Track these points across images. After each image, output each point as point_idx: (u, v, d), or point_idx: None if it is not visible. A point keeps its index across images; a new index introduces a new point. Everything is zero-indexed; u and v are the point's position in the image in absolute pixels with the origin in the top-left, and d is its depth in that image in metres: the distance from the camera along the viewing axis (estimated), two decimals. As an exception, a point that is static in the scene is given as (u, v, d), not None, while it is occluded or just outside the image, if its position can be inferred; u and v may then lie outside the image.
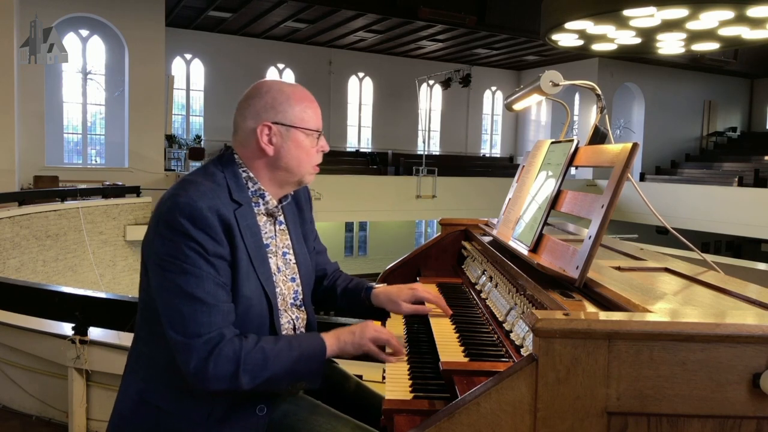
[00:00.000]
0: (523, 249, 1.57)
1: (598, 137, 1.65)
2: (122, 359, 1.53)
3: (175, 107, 16.66)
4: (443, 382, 1.27)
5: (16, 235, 8.44)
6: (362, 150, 19.39)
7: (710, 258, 1.68)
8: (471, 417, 0.97)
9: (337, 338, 1.43)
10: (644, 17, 7.49)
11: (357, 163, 17.51)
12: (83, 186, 11.62)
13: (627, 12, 7.26)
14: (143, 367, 1.43)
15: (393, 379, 1.35)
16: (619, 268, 1.50)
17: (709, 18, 7.39)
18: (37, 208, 9.17)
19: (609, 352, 0.95)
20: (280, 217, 1.55)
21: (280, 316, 1.47)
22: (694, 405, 0.96)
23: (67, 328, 3.15)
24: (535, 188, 1.72)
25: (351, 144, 19.61)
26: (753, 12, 7.05)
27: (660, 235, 12.96)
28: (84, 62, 14.25)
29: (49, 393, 3.33)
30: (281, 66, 17.94)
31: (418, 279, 2.16)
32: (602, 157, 1.44)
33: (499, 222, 1.98)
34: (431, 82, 18.12)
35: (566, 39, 8.95)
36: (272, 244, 1.50)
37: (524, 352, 1.26)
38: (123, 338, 3.14)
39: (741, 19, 7.39)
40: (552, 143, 1.80)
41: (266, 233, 1.49)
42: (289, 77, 17.81)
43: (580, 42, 9.03)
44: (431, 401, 1.23)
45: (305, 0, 13.45)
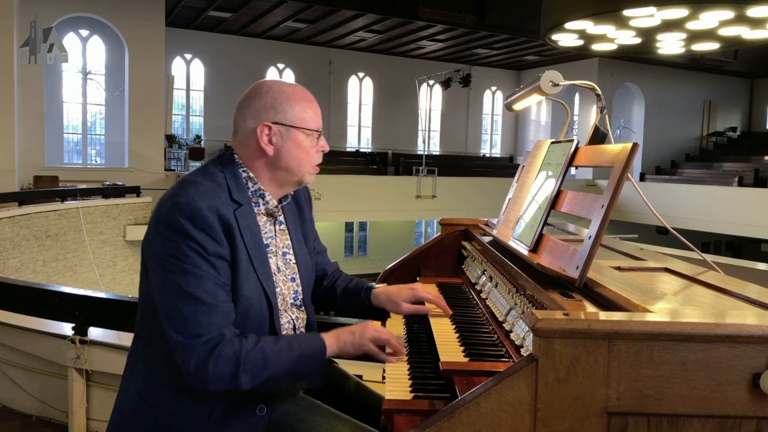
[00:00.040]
0: (523, 249, 1.57)
1: (598, 137, 1.65)
2: (122, 359, 1.53)
3: (175, 107, 16.66)
4: (443, 382, 1.27)
5: (16, 235, 8.44)
6: (362, 150, 19.39)
7: (710, 258, 1.68)
8: (471, 417, 0.97)
9: (337, 338, 1.43)
10: (644, 17, 7.49)
11: (357, 163, 17.51)
12: (83, 186, 11.62)
13: (627, 12, 7.26)
14: (143, 367, 1.43)
15: (393, 379, 1.35)
16: (619, 268, 1.50)
17: (709, 18, 7.39)
18: (37, 208, 9.17)
19: (609, 352, 0.95)
20: (280, 217, 1.55)
21: (280, 316, 1.47)
22: (694, 405, 0.96)
23: (67, 328, 3.15)
24: (535, 188, 1.72)
25: (351, 144, 19.61)
26: (753, 12, 7.05)
27: (660, 235, 12.96)
28: (84, 62, 14.25)
29: (49, 393, 3.33)
30: (281, 66, 17.94)
31: (418, 279, 2.16)
32: (602, 157, 1.44)
33: (499, 222, 1.98)
34: (431, 82, 18.12)
35: (566, 39, 8.95)
36: (272, 244, 1.50)
37: (524, 352, 1.26)
38: (123, 338, 3.14)
39: (741, 19, 7.39)
40: (552, 143, 1.80)
41: (266, 233, 1.49)
42: (289, 77, 17.81)
43: (580, 42, 9.03)
44: (431, 401, 1.23)
45: (305, 0, 13.45)
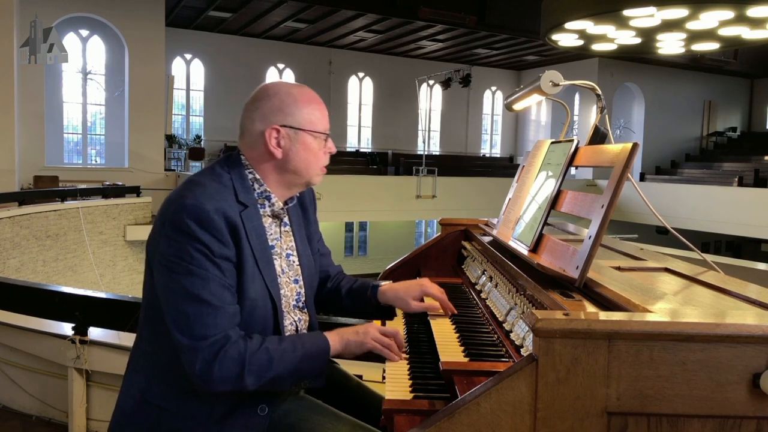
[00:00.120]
0: (523, 249, 1.57)
1: (598, 137, 1.65)
2: (122, 359, 1.53)
3: (175, 107, 16.66)
4: (443, 382, 1.27)
5: (16, 235, 8.44)
6: (362, 150, 19.38)
7: (710, 258, 1.68)
8: (471, 417, 0.97)
9: (341, 337, 1.43)
10: (644, 17, 7.48)
11: (357, 163, 17.49)
12: (83, 186, 11.62)
13: (627, 12, 7.25)
14: (146, 366, 1.43)
15: (393, 379, 1.35)
16: (619, 268, 1.50)
17: (709, 18, 7.38)
18: (37, 208, 9.17)
19: (609, 352, 0.95)
20: (285, 219, 1.55)
21: (284, 318, 1.48)
22: (694, 405, 0.96)
23: (67, 328, 3.15)
24: (535, 188, 1.72)
25: (351, 144, 19.60)
26: (753, 12, 7.05)
27: (660, 235, 12.96)
28: (84, 62, 14.25)
29: (49, 393, 3.33)
30: (281, 66, 17.93)
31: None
32: (602, 157, 1.44)
33: (499, 222, 1.98)
34: (431, 82, 18.10)
35: (566, 39, 8.94)
36: (277, 246, 1.50)
37: (524, 352, 1.26)
38: (123, 338, 3.14)
39: (741, 19, 7.39)
40: (552, 143, 1.80)
41: (271, 235, 1.49)
42: (289, 77, 17.80)
43: (580, 42, 9.03)
44: (431, 401, 1.23)
45: (305, 0, 13.45)
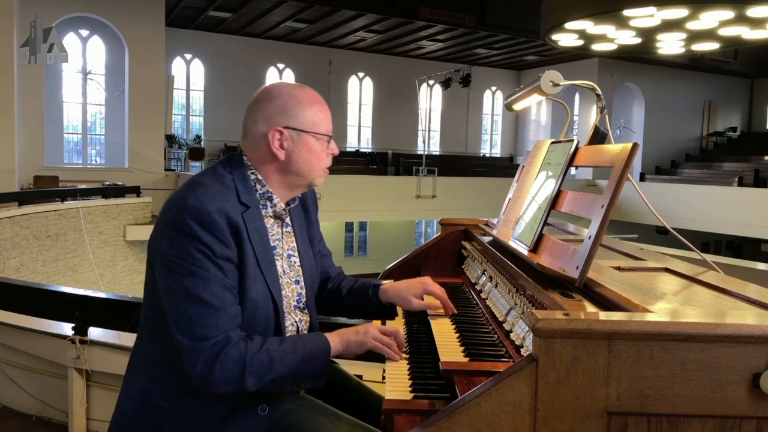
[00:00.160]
0: (523, 249, 1.57)
1: (598, 137, 1.65)
2: (122, 359, 1.53)
3: (175, 107, 16.66)
4: (443, 382, 1.27)
5: (16, 235, 8.44)
6: (362, 150, 19.37)
7: (710, 258, 1.68)
8: (471, 417, 0.97)
9: (341, 337, 1.44)
10: (644, 17, 7.49)
11: (357, 163, 17.49)
12: (83, 186, 11.62)
13: (627, 12, 7.26)
14: (147, 367, 1.43)
15: (393, 379, 1.35)
16: (619, 268, 1.50)
17: (709, 18, 7.39)
18: (37, 208, 9.17)
19: (609, 352, 0.95)
20: (287, 220, 1.55)
21: (284, 319, 1.48)
22: (694, 405, 0.96)
23: (67, 328, 3.15)
24: (535, 188, 1.72)
25: (351, 144, 19.60)
26: (753, 12, 7.05)
27: (660, 235, 12.96)
28: (84, 62, 14.25)
29: (49, 393, 3.33)
30: (281, 66, 17.93)
31: (418, 279, 2.16)
32: (602, 157, 1.44)
33: (499, 222, 1.98)
34: (431, 82, 18.10)
35: (566, 39, 8.95)
36: (278, 247, 1.50)
37: (524, 352, 1.26)
38: (123, 338, 3.14)
39: (741, 19, 7.39)
40: (552, 143, 1.80)
41: (273, 235, 1.49)
42: (289, 77, 17.80)
43: (580, 42, 9.03)
44: (431, 401, 1.23)
45: (305, 0, 13.45)
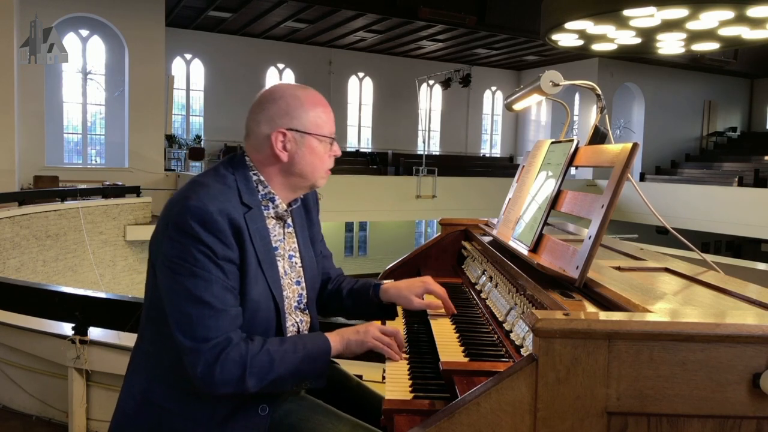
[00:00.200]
0: (523, 249, 1.57)
1: (598, 137, 1.65)
2: (122, 359, 1.53)
3: (175, 107, 16.65)
4: (443, 382, 1.27)
5: (16, 235, 8.44)
6: (362, 150, 19.38)
7: (710, 258, 1.68)
8: (471, 417, 0.97)
9: (341, 337, 1.44)
10: (644, 17, 7.48)
11: (357, 163, 17.49)
12: (83, 186, 11.62)
13: (627, 12, 7.25)
14: (148, 367, 1.43)
15: (393, 379, 1.35)
16: (619, 268, 1.50)
17: (709, 18, 7.38)
18: (37, 208, 9.17)
19: (609, 352, 0.95)
20: (289, 220, 1.55)
21: (285, 320, 1.48)
22: (694, 405, 0.96)
23: (67, 328, 3.15)
24: (535, 188, 1.72)
25: (351, 144, 19.60)
26: (753, 12, 7.05)
27: (660, 235, 12.95)
28: (84, 62, 14.25)
29: (49, 393, 3.33)
30: (281, 66, 17.93)
31: (418, 279, 2.16)
32: (602, 157, 1.44)
33: (499, 222, 1.98)
34: (431, 82, 18.10)
35: (566, 39, 8.95)
36: (280, 248, 1.50)
37: (524, 352, 1.26)
38: (123, 338, 3.14)
39: (741, 19, 7.39)
40: (552, 143, 1.80)
41: (275, 236, 1.49)
42: (289, 77, 17.81)
43: (580, 42, 9.03)
44: (431, 401, 1.23)
45: (305, 0, 13.45)
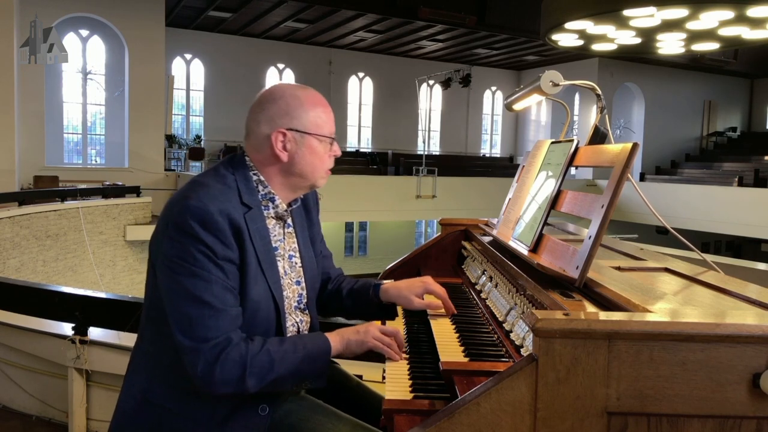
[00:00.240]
0: (523, 249, 1.57)
1: (598, 137, 1.65)
2: (122, 359, 1.53)
3: (175, 107, 16.65)
4: (443, 382, 1.27)
5: (16, 235, 8.44)
6: (362, 150, 19.38)
7: (710, 258, 1.68)
8: (471, 417, 0.97)
9: (342, 337, 1.44)
10: (644, 17, 7.48)
11: (357, 163, 17.48)
12: (83, 186, 11.61)
13: (627, 12, 7.25)
14: (148, 367, 1.43)
15: (393, 379, 1.35)
16: (619, 268, 1.50)
17: (709, 18, 7.38)
18: (37, 208, 9.16)
19: (609, 352, 0.95)
20: (289, 220, 1.55)
21: (285, 320, 1.48)
22: (694, 405, 0.96)
23: (67, 328, 3.15)
24: (535, 188, 1.72)
25: (351, 144, 19.60)
26: (753, 12, 7.04)
27: (660, 235, 12.95)
28: (84, 62, 14.25)
29: (49, 393, 3.33)
30: (281, 66, 17.93)
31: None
32: (602, 157, 1.44)
33: (499, 222, 1.98)
34: (431, 82, 18.10)
35: (566, 39, 8.94)
36: (280, 248, 1.50)
37: (524, 352, 1.26)
38: (123, 338, 3.14)
39: (741, 19, 7.39)
40: (552, 143, 1.80)
41: (275, 236, 1.49)
42: (289, 77, 17.81)
43: (580, 42, 9.03)
44: (431, 401, 1.23)
45: (305, 0, 13.45)
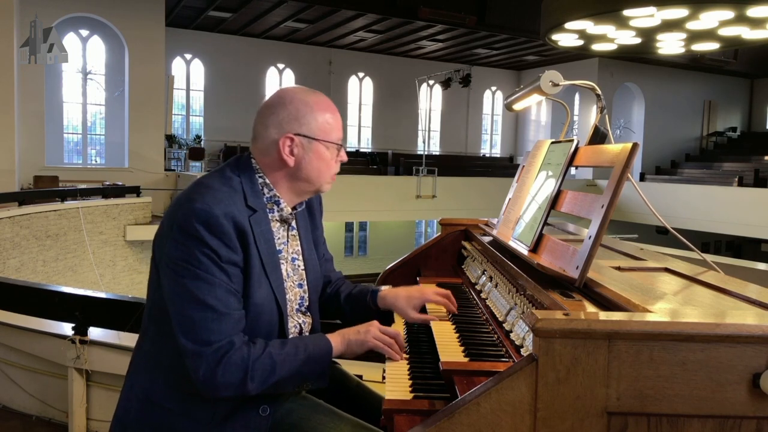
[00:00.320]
0: (523, 249, 1.57)
1: (598, 137, 1.65)
2: (122, 359, 1.53)
3: (175, 107, 16.65)
4: (443, 382, 1.27)
5: (16, 235, 8.44)
6: (362, 150, 19.37)
7: (710, 258, 1.68)
8: (471, 417, 0.97)
9: (342, 337, 1.45)
10: (644, 17, 7.49)
11: (357, 163, 17.45)
12: (83, 186, 11.61)
13: (627, 12, 7.25)
14: (149, 367, 1.43)
15: (393, 379, 1.35)
16: (619, 268, 1.50)
17: (709, 18, 7.39)
18: (37, 208, 9.16)
19: (609, 352, 0.95)
20: (293, 223, 1.55)
21: (288, 323, 1.48)
22: (694, 405, 0.96)
23: (67, 328, 3.15)
24: (535, 188, 1.72)
25: (351, 144, 19.59)
26: (753, 12, 7.05)
27: (660, 235, 12.95)
28: (84, 62, 14.24)
29: (49, 393, 3.33)
30: (281, 66, 17.92)
31: (418, 279, 2.16)
32: (602, 157, 1.44)
33: (499, 222, 1.98)
34: (431, 82, 18.10)
35: (566, 39, 8.95)
36: (284, 250, 1.51)
37: (524, 352, 1.26)
38: (123, 338, 3.14)
39: (741, 19, 7.39)
40: (552, 143, 1.80)
41: (279, 239, 1.49)
42: (289, 77, 17.82)
43: (580, 42, 9.03)
44: (431, 401, 1.23)
45: (305, 0, 13.45)
